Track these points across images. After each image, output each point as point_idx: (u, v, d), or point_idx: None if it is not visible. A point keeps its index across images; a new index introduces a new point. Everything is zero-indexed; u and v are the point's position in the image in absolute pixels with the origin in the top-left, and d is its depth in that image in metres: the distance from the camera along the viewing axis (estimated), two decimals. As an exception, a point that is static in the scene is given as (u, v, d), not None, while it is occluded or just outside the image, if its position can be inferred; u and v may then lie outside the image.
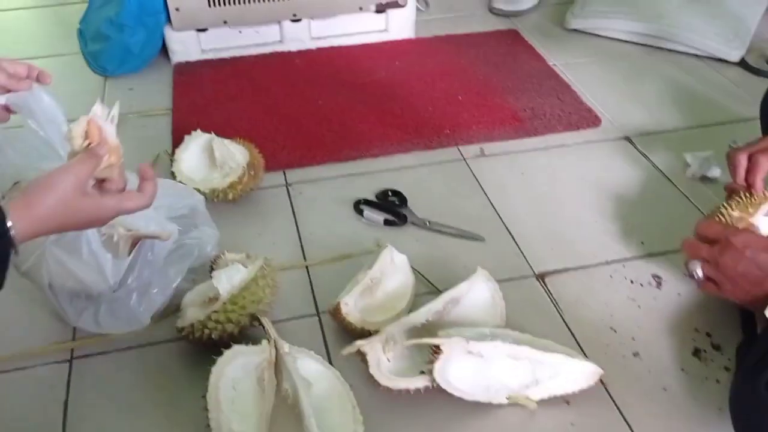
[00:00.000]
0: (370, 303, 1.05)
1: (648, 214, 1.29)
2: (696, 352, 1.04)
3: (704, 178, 1.37)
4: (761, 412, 0.81)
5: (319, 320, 1.09)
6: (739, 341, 1.01)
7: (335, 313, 1.02)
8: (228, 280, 0.99)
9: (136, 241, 0.98)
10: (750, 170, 0.97)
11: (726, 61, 1.76)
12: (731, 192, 1.30)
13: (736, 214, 0.94)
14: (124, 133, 1.54)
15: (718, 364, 1.02)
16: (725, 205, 0.98)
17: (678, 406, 0.97)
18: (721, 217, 0.98)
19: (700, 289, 0.94)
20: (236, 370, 0.90)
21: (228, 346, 0.92)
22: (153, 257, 1.01)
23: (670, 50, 1.82)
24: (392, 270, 1.08)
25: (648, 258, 1.20)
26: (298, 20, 1.74)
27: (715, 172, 1.37)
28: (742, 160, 0.98)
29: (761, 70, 1.68)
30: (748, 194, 0.98)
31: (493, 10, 2.03)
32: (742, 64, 1.75)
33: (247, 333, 1.01)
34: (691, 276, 0.93)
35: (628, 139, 1.51)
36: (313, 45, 1.79)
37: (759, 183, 0.97)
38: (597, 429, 0.94)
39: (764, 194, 0.97)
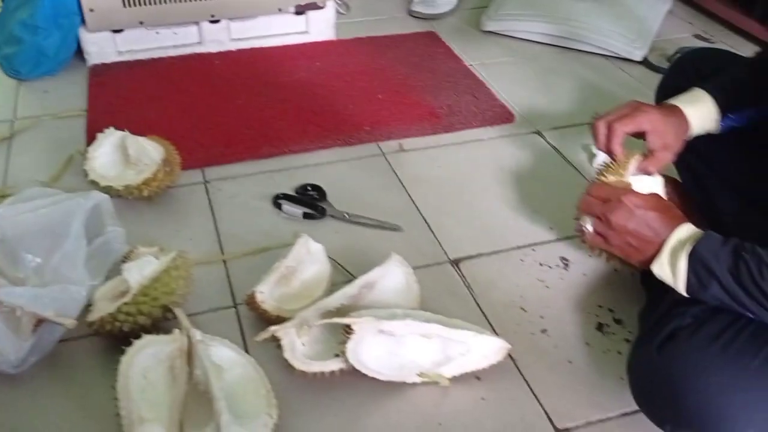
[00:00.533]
0: (286, 291, 1.06)
1: (557, 201, 1.35)
2: (599, 327, 1.09)
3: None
4: (653, 373, 0.86)
5: (236, 312, 1.09)
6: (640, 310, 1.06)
7: (250, 301, 1.03)
8: (139, 271, 0.98)
9: (39, 322, 0.96)
10: (609, 137, 1.03)
11: (630, 60, 1.86)
12: None
13: (611, 179, 1.00)
14: (38, 136, 1.51)
15: (620, 337, 1.08)
16: (600, 175, 1.04)
17: (582, 377, 1.02)
18: None
19: (587, 243, 0.99)
20: (147, 359, 0.89)
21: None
22: (52, 338, 0.98)
23: (579, 50, 1.90)
24: (308, 259, 1.10)
25: (556, 242, 1.26)
26: (217, 21, 1.74)
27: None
28: (601, 128, 1.03)
29: (662, 67, 1.77)
30: (614, 160, 1.04)
31: (412, 14, 2.08)
32: (645, 62, 1.85)
33: (161, 325, 1.00)
34: (582, 230, 0.98)
35: (539, 133, 1.57)
36: (233, 46, 1.79)
37: (617, 148, 1.02)
38: (506, 401, 0.98)
39: (626, 157, 1.03)
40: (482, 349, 0.99)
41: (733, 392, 0.79)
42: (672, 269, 0.86)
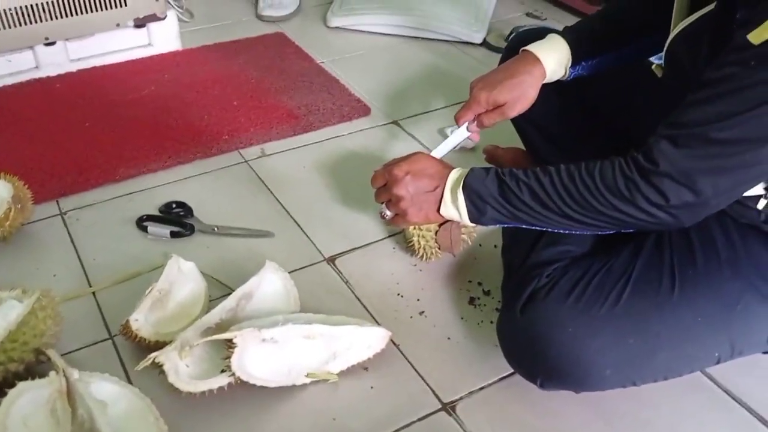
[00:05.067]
0: (162, 315, 1.05)
1: (419, 187, 1.41)
2: (471, 301, 1.17)
3: (463, 149, 1.53)
4: (519, 334, 0.94)
5: (113, 343, 1.07)
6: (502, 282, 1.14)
7: (126, 331, 1.01)
8: (3, 318, 0.93)
9: None
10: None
11: (471, 44, 1.96)
12: (489, 156, 1.46)
13: None
14: None
15: (491, 308, 1.15)
16: None
17: (461, 350, 1.08)
18: None
19: (391, 225, 1.12)
20: (25, 406, 0.86)
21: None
22: None
23: (424, 38, 1.98)
24: (181, 279, 1.09)
25: (423, 226, 1.32)
26: (52, 43, 1.66)
27: (471, 142, 1.52)
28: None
29: (500, 47, 1.88)
30: None
31: (261, 18, 2.06)
32: (485, 44, 1.96)
33: (36, 369, 0.96)
34: (383, 217, 1.08)
35: (396, 122, 1.63)
36: (73, 67, 1.71)
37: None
38: (394, 386, 1.02)
39: None
40: (366, 341, 1.03)
41: (587, 340, 0.88)
42: (455, 206, 0.97)
